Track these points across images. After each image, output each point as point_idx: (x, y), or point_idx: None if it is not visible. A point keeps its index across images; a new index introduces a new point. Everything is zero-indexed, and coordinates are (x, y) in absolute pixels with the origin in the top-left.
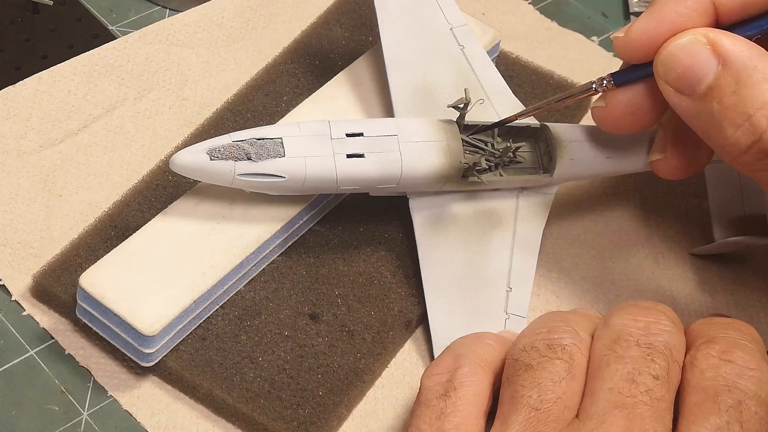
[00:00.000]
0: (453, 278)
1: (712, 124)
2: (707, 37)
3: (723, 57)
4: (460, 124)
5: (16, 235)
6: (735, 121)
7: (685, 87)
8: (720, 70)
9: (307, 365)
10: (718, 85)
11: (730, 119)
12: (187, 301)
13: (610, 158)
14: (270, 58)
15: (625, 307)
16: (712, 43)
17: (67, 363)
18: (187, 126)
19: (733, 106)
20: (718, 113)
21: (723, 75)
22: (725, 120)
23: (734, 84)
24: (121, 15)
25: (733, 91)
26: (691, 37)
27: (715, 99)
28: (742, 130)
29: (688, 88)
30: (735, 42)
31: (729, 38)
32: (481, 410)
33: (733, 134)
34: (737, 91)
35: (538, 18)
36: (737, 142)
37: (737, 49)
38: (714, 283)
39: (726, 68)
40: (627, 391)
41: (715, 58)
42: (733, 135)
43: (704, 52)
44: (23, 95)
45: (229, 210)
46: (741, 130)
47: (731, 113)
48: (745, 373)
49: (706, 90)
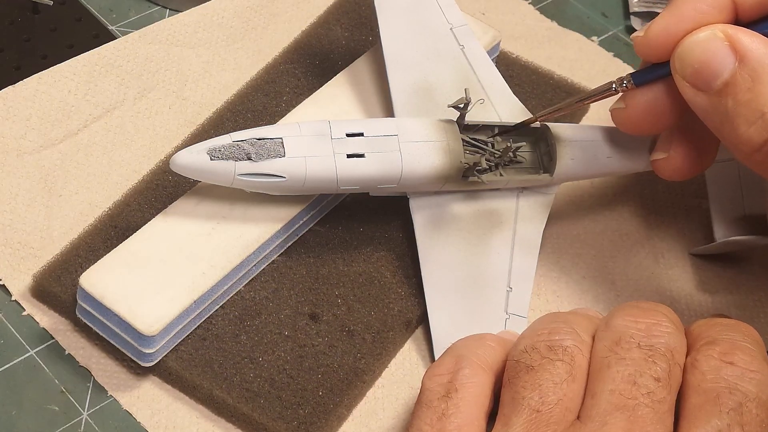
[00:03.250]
0: (453, 278)
1: (726, 121)
2: (725, 33)
3: (740, 53)
4: (460, 124)
5: (16, 235)
6: (749, 119)
7: (701, 82)
8: (737, 67)
9: (307, 365)
10: (733, 81)
11: (744, 116)
12: (187, 301)
13: (610, 158)
14: (270, 58)
15: (626, 309)
16: (730, 39)
17: (67, 363)
18: (187, 126)
19: (747, 103)
20: (732, 110)
21: (739, 71)
22: (739, 117)
23: (750, 81)
24: (121, 15)
25: (748, 88)
26: (708, 33)
27: (730, 95)
28: (756, 127)
29: (704, 83)
30: (753, 39)
31: (747, 35)
32: (482, 411)
33: (746, 131)
34: (752, 88)
35: (538, 18)
36: (750, 139)
37: (755, 46)
38: (714, 283)
39: (743, 65)
40: (628, 392)
41: (733, 55)
42: (746, 132)
43: (722, 48)
44: (23, 95)
45: (229, 210)
46: (754, 127)
47: (745, 110)
48: (746, 375)
49: (721, 86)
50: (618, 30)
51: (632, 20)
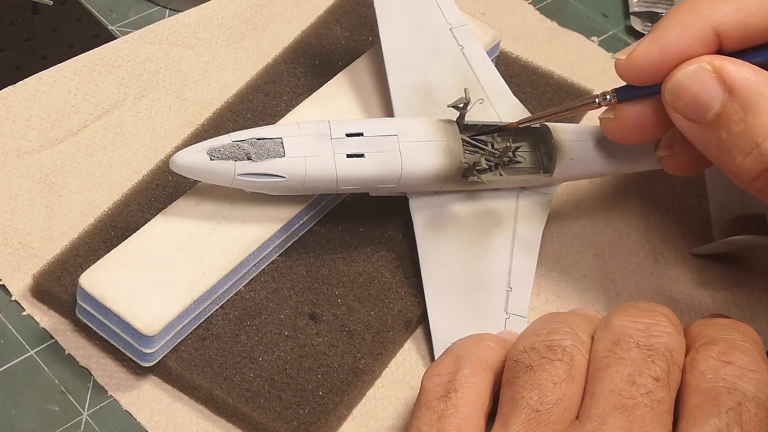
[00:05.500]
0: (453, 278)
1: (722, 151)
2: (712, 65)
3: (729, 84)
4: (460, 124)
5: (16, 235)
6: (744, 149)
7: (693, 115)
8: (727, 98)
9: (307, 365)
10: (725, 112)
11: (739, 147)
12: (187, 301)
13: (610, 158)
14: (270, 58)
15: (625, 309)
16: (717, 71)
17: (67, 363)
18: (187, 126)
19: (741, 134)
20: (726, 141)
21: (730, 103)
22: (734, 148)
23: (741, 111)
24: (121, 15)
25: (740, 119)
26: (696, 66)
27: (723, 127)
28: (751, 158)
29: (696, 115)
30: (741, 69)
31: (735, 65)
32: (481, 411)
33: (743, 162)
34: (744, 119)
35: (538, 18)
36: (747, 169)
37: (743, 75)
38: (714, 283)
39: (733, 96)
40: (627, 392)
41: (721, 86)
42: (743, 162)
43: (710, 80)
44: (23, 95)
45: (229, 210)
46: (750, 158)
47: (740, 141)
48: (745, 374)
49: (714, 118)
50: (618, 30)
51: (632, 20)
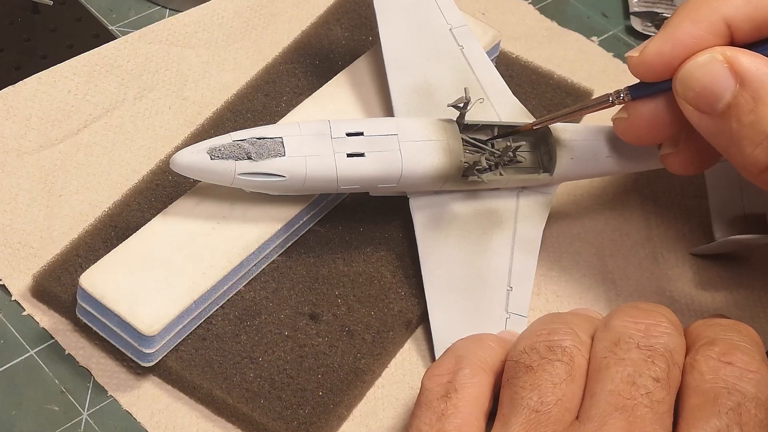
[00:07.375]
0: (453, 278)
1: (731, 142)
2: (724, 56)
3: (740, 75)
4: (460, 124)
5: (16, 235)
6: (754, 140)
7: (703, 105)
8: (738, 89)
9: (307, 365)
10: (736, 103)
11: (749, 138)
12: (187, 301)
13: (610, 158)
14: (270, 58)
15: (625, 309)
16: (729, 61)
17: (67, 363)
18: (187, 126)
19: (751, 124)
20: (737, 131)
21: (741, 93)
22: (744, 138)
23: (752, 102)
24: (121, 15)
25: (751, 110)
26: (708, 56)
27: (733, 117)
28: (761, 148)
29: (707, 106)
30: (753, 60)
31: (747, 56)
32: (481, 412)
33: (752, 153)
34: (755, 110)
35: (538, 18)
36: (757, 160)
37: (755, 67)
38: (714, 283)
39: (744, 86)
40: (627, 393)
41: (732, 77)
42: (752, 153)
43: (722, 71)
44: (23, 95)
45: (229, 210)
46: (760, 148)
47: (750, 132)
48: (745, 375)
49: (724, 108)
50: (618, 30)
51: (632, 20)
